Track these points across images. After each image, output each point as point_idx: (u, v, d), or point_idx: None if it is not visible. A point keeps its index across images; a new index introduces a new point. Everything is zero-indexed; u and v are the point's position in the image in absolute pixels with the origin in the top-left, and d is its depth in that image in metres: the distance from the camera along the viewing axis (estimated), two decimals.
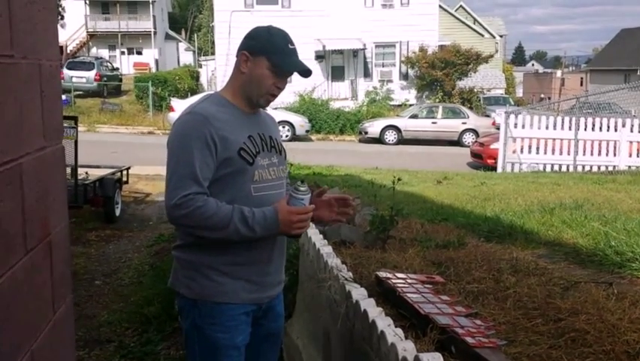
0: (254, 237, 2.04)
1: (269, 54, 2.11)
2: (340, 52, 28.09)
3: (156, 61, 40.02)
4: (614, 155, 13.99)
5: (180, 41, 48.98)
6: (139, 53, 40.76)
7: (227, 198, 2.07)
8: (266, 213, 2.04)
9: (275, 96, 2.18)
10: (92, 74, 27.97)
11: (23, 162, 1.38)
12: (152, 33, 39.94)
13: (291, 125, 21.57)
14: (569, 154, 14.15)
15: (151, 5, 40.09)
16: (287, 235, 2.12)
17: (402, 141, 21.99)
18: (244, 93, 2.17)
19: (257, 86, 2.13)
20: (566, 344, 2.15)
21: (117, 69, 33.46)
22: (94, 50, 39.45)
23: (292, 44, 2.17)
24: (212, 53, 33.35)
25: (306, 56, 26.90)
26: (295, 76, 2.30)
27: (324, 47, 26.92)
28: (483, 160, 15.90)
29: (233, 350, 2.15)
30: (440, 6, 31.38)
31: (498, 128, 16.72)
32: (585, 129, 14.16)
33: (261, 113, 2.29)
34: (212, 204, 2.01)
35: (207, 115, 2.08)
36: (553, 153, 14.32)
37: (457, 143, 21.88)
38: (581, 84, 50.65)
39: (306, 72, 2.17)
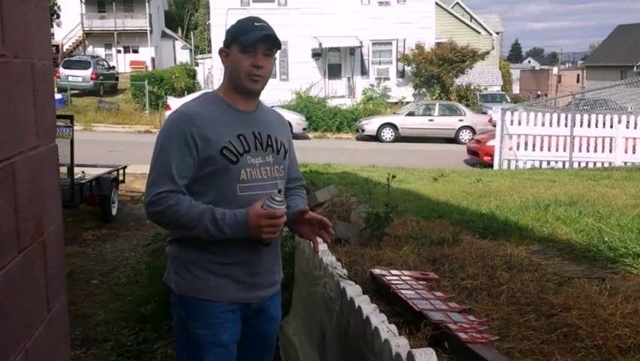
0: (224, 238, 2.04)
1: (236, 38, 2.13)
2: (337, 49, 28.07)
3: (152, 59, 39.94)
4: (610, 151, 14.02)
5: (177, 39, 48.86)
6: (135, 51, 40.68)
7: (212, 196, 2.09)
8: (237, 215, 2.04)
9: (258, 76, 2.13)
10: (88, 72, 27.95)
11: (16, 162, 1.38)
12: (149, 31, 39.85)
13: (288, 123, 21.51)
14: (564, 151, 14.18)
15: (147, 3, 39.96)
16: (257, 239, 2.06)
17: (399, 138, 22.01)
18: (233, 86, 2.18)
19: (236, 72, 2.14)
20: (558, 339, 2.16)
21: (113, 68, 33.39)
22: (90, 49, 39.35)
23: (260, 22, 2.15)
24: (209, 51, 33.33)
25: (302, 53, 27.05)
26: (292, 73, 2.30)
27: (320, 44, 26.91)
28: (479, 157, 15.92)
29: (218, 347, 2.14)
30: (436, 3, 31.40)
31: (495, 126, 16.74)
32: (581, 126, 14.19)
33: (262, 110, 2.28)
34: (185, 203, 2.03)
35: (191, 114, 2.10)
36: (549, 150, 14.35)
37: (454, 140, 21.90)
38: (578, 81, 50.70)
39: (267, 37, 2.11)
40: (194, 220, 2.02)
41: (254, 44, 2.10)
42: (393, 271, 2.96)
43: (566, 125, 14.23)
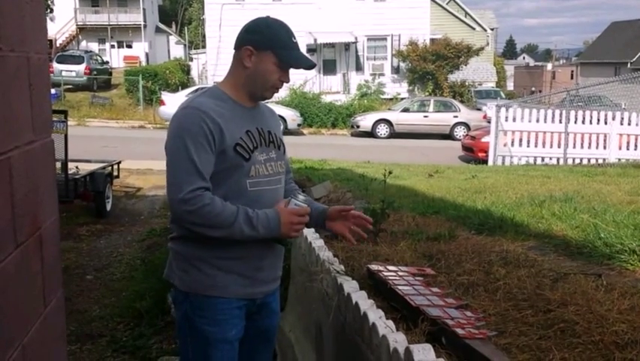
0: (257, 237, 2.05)
1: (275, 49, 2.09)
2: (332, 45, 28.05)
3: (146, 54, 39.79)
4: (604, 148, 14.06)
5: (171, 34, 48.65)
6: (129, 46, 40.50)
7: (222, 192, 2.07)
8: (268, 214, 2.06)
9: (278, 89, 2.19)
10: (81, 67, 27.83)
11: (12, 156, 1.37)
12: (142, 26, 39.68)
13: (283, 119, 21.53)
14: (559, 147, 14.21)
15: None
16: (286, 236, 2.13)
17: (394, 134, 22.02)
18: (247, 88, 2.15)
19: (262, 81, 2.12)
20: (555, 335, 2.16)
21: (107, 63, 33.25)
22: (83, 44, 39.15)
23: (294, 37, 2.16)
24: (203, 47, 33.20)
25: None
26: None
27: (315, 40, 26.86)
28: (474, 153, 15.95)
29: (225, 343, 2.14)
30: None
31: (489, 122, 16.76)
32: (575, 122, 14.22)
33: (260, 106, 2.27)
34: (218, 202, 2.01)
35: (206, 109, 2.07)
36: (543, 146, 14.38)
37: (449, 136, 21.93)
38: (572, 77, 50.83)
39: (311, 67, 2.18)
40: (228, 220, 2.00)
41: (296, 67, 2.13)
42: (390, 267, 2.96)
43: (560, 122, 14.25)
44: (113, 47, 39.97)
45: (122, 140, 17.67)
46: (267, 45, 2.10)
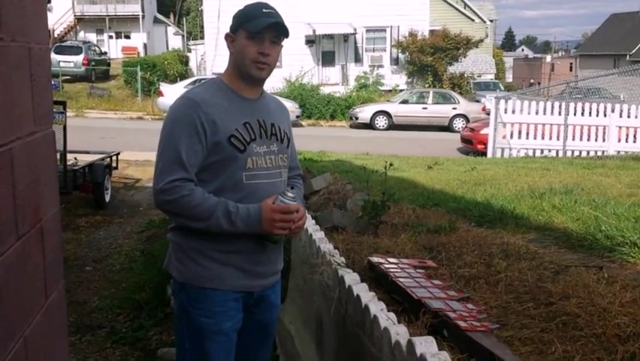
0: (235, 231, 2.04)
1: (244, 24, 2.11)
2: (331, 36, 27.92)
3: (145, 45, 39.57)
4: (603, 140, 14.05)
5: (169, 25, 48.41)
6: (127, 37, 40.29)
7: (218, 184, 2.07)
8: (250, 209, 2.05)
9: (264, 63, 2.11)
10: (79, 58, 27.71)
11: (14, 147, 1.36)
12: (141, 17, 39.43)
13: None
14: (558, 139, 14.20)
15: None
16: (269, 233, 2.08)
17: (392, 126, 21.98)
18: (238, 72, 2.15)
19: (242, 58, 2.12)
20: (557, 328, 2.16)
21: (105, 53, 33.10)
22: (81, 34, 38.94)
23: (268, 8, 2.13)
24: (202, 37, 33.05)
25: (296, 40, 26.81)
26: (285, 61, 2.28)
27: (314, 31, 26.74)
28: (473, 145, 15.93)
29: (220, 335, 2.14)
30: None
31: (488, 114, 16.74)
32: (575, 114, 14.21)
33: (265, 98, 2.26)
34: (199, 194, 2.01)
35: (199, 100, 2.07)
36: (543, 138, 14.36)
37: (448, 128, 21.90)
38: (571, 69, 50.76)
39: (275, 25, 2.09)
40: (206, 212, 2.01)
41: (261, 31, 2.07)
42: (391, 259, 2.95)
43: (559, 114, 14.24)
44: (111, 37, 39.73)
45: (121, 131, 17.63)
46: (238, 25, 2.13)
